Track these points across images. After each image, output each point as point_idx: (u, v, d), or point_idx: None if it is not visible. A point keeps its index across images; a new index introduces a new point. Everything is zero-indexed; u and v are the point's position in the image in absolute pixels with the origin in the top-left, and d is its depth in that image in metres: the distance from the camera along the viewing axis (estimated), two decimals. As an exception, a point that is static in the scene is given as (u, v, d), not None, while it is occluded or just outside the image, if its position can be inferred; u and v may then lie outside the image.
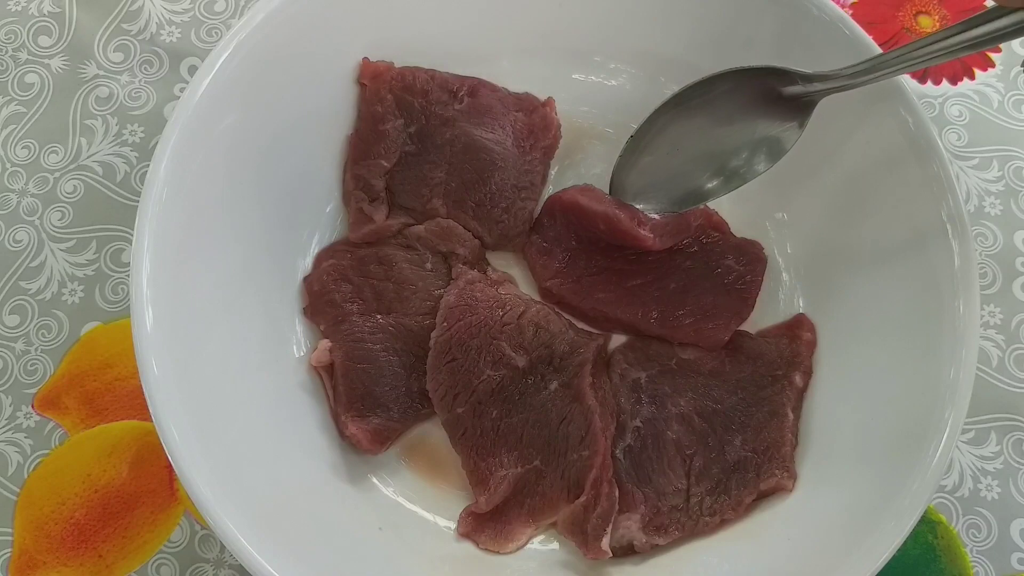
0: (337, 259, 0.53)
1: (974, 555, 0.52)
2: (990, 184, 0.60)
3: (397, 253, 0.54)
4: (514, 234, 0.55)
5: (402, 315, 0.52)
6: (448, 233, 0.54)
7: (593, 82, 0.58)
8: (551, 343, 0.51)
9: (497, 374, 0.50)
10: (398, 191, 0.55)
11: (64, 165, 0.59)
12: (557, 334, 0.51)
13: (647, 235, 0.51)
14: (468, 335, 0.51)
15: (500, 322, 0.51)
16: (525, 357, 0.50)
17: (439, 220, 0.54)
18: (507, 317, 0.51)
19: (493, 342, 0.50)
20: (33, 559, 0.52)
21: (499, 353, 0.50)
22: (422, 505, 0.50)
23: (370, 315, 0.52)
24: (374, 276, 0.53)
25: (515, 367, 0.50)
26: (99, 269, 0.57)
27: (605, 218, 0.52)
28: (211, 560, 0.51)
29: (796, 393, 0.51)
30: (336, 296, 0.52)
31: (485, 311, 0.51)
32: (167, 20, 0.63)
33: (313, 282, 0.53)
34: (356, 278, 0.53)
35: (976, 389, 0.45)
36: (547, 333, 0.51)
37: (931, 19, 0.64)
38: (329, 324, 0.52)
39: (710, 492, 0.49)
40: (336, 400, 0.51)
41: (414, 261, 0.54)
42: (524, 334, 0.51)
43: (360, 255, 0.54)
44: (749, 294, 0.53)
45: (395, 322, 0.52)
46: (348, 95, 0.55)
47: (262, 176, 0.51)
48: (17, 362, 0.55)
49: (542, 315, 0.51)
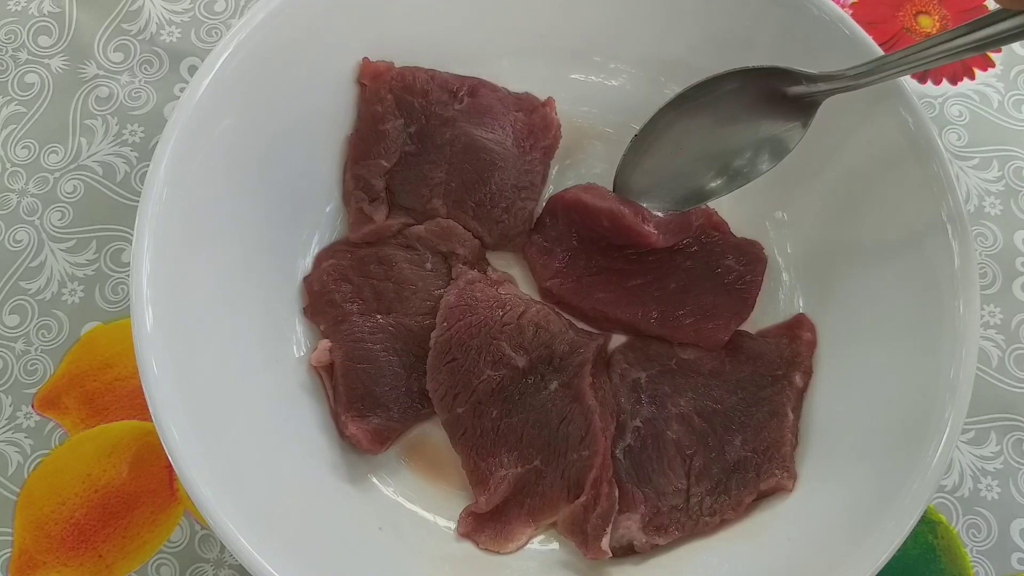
0: (337, 259, 0.53)
1: (974, 555, 0.52)
2: (990, 184, 0.60)
3: (397, 253, 0.54)
4: (514, 234, 0.55)
5: (402, 315, 0.52)
6: (448, 233, 0.54)
7: (593, 82, 0.58)
8: (551, 343, 0.51)
9: (497, 374, 0.50)
10: (398, 191, 0.55)
11: (64, 165, 0.59)
12: (557, 334, 0.51)
13: (651, 231, 0.51)
14: (468, 335, 0.51)
15: (500, 322, 0.51)
16: (525, 357, 0.50)
17: (439, 220, 0.54)
18: (507, 317, 0.51)
19: (493, 342, 0.50)
20: (33, 559, 0.52)
21: (499, 353, 0.50)
22: (422, 505, 0.50)
23: (370, 315, 0.52)
24: (374, 276, 0.53)
25: (515, 367, 0.50)
26: (99, 269, 0.57)
27: (609, 214, 0.52)
28: (211, 560, 0.51)
29: (796, 393, 0.51)
30: (336, 296, 0.52)
31: (485, 311, 0.51)
32: (167, 20, 0.63)
33: (313, 282, 0.53)
34: (356, 278, 0.53)
35: (976, 389, 0.45)
36: (547, 333, 0.51)
37: (931, 19, 0.64)
38: (329, 324, 0.52)
39: (710, 492, 0.49)
40: (336, 400, 0.51)
41: (414, 261, 0.54)
42: (524, 334, 0.51)
43: (360, 255, 0.54)
44: (749, 294, 0.53)
45: (395, 322, 0.52)
46: (348, 95, 0.55)
47: (262, 176, 0.51)
48: (17, 362, 0.55)
49: (542, 315, 0.51)
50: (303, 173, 0.54)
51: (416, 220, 0.55)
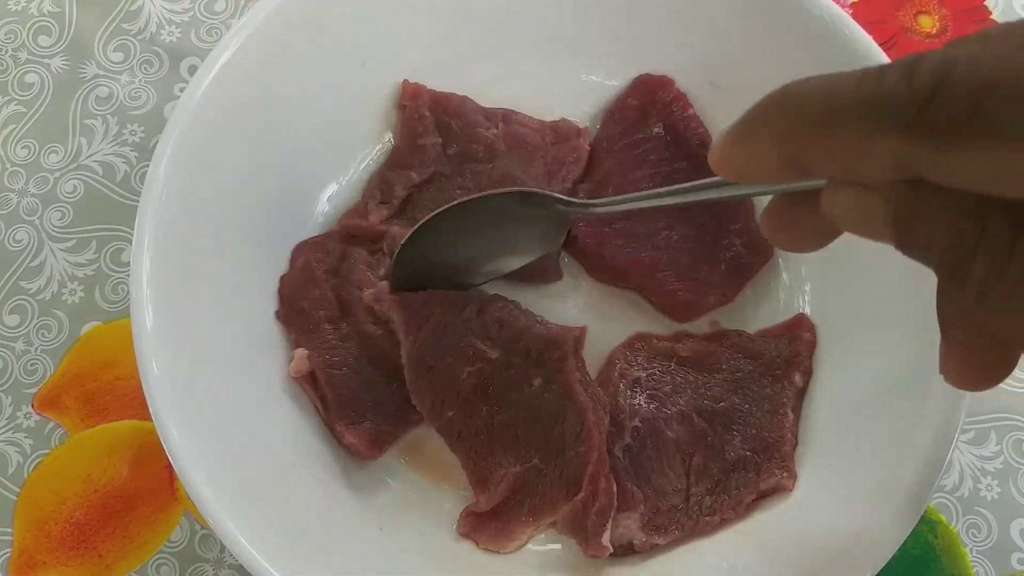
0: (307, 255, 0.52)
1: (974, 555, 0.52)
2: (990, 184, 0.60)
3: (360, 254, 0.53)
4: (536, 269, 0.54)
5: (362, 322, 0.51)
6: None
7: (594, 82, 0.58)
8: (521, 337, 0.50)
9: (475, 368, 0.50)
10: (419, 207, 0.54)
11: (64, 165, 0.59)
12: (525, 328, 0.50)
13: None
14: (436, 338, 0.50)
15: (462, 319, 0.50)
16: (497, 350, 0.50)
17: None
18: (467, 314, 0.51)
19: (463, 339, 0.50)
20: (33, 559, 0.52)
21: (471, 348, 0.50)
22: (422, 505, 0.50)
23: (337, 322, 0.51)
24: (338, 276, 0.52)
25: (490, 359, 0.50)
26: (99, 269, 0.57)
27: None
28: (211, 560, 0.51)
29: (796, 393, 0.51)
30: (304, 304, 0.51)
31: (440, 310, 0.50)
32: (167, 20, 0.63)
33: (284, 285, 0.52)
34: (323, 279, 0.52)
35: (976, 389, 0.45)
36: (511, 328, 0.50)
37: (931, 19, 0.64)
38: (300, 332, 0.51)
39: (710, 491, 0.49)
40: (326, 410, 0.50)
41: (372, 265, 0.53)
42: (488, 330, 0.50)
43: (329, 248, 0.52)
44: (741, 278, 0.53)
45: (359, 329, 0.51)
46: (349, 94, 0.55)
47: (263, 176, 0.51)
48: (17, 362, 0.55)
49: (503, 310, 0.51)
50: (303, 173, 0.54)
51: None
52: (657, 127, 0.56)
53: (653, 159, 0.55)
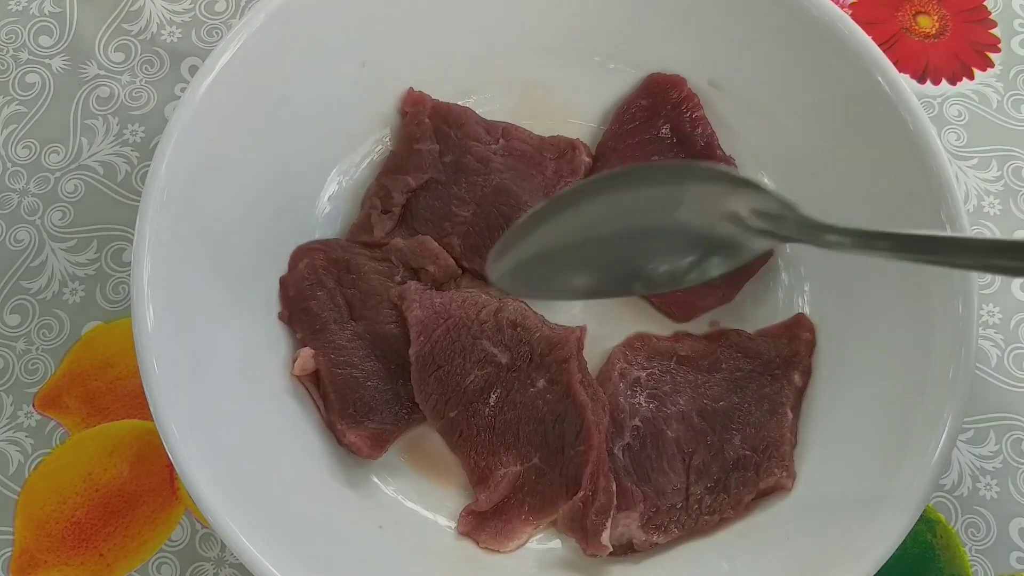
0: (310, 259, 0.52)
1: (973, 554, 0.52)
2: (989, 184, 0.60)
3: (369, 263, 0.53)
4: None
5: (373, 323, 0.52)
6: (421, 248, 0.53)
7: (594, 82, 0.58)
8: (528, 339, 0.51)
9: (483, 372, 0.50)
10: (418, 216, 0.54)
11: (65, 165, 0.59)
12: (533, 330, 0.51)
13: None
14: (449, 339, 0.50)
15: (478, 321, 0.51)
16: (507, 354, 0.50)
17: (419, 237, 0.53)
18: (484, 315, 0.51)
19: (476, 342, 0.50)
20: (34, 558, 0.52)
21: (483, 352, 0.50)
22: (422, 504, 0.51)
23: (345, 323, 0.52)
24: (344, 283, 0.52)
25: (499, 364, 0.50)
26: (100, 269, 0.57)
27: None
28: (212, 559, 0.52)
29: (795, 392, 0.51)
30: (312, 304, 0.51)
31: (459, 312, 0.51)
32: (168, 20, 0.63)
33: (288, 286, 0.52)
34: (329, 283, 0.52)
35: (975, 388, 0.46)
36: (524, 330, 0.51)
37: (930, 19, 0.64)
38: (307, 332, 0.51)
39: (710, 491, 0.49)
40: (328, 409, 0.50)
41: (383, 273, 0.53)
42: (503, 332, 0.51)
43: (333, 257, 0.53)
44: (741, 278, 0.54)
45: (369, 330, 0.51)
46: (349, 95, 0.55)
47: (262, 176, 0.51)
48: (18, 361, 0.55)
49: (518, 312, 0.51)
50: (304, 174, 0.54)
51: None
52: (664, 128, 0.56)
53: (656, 160, 0.55)
